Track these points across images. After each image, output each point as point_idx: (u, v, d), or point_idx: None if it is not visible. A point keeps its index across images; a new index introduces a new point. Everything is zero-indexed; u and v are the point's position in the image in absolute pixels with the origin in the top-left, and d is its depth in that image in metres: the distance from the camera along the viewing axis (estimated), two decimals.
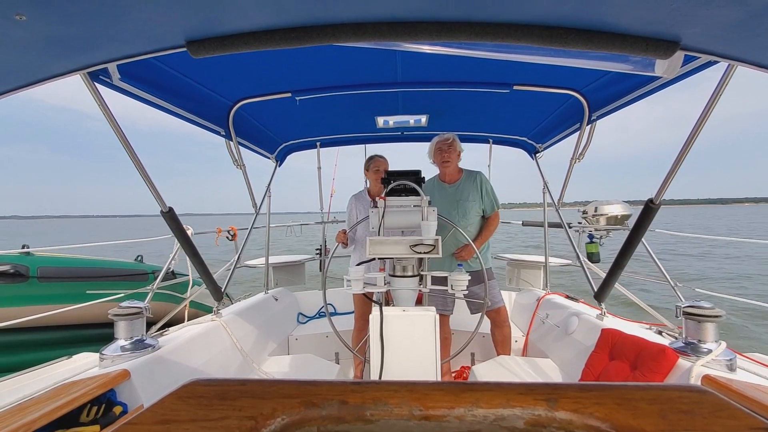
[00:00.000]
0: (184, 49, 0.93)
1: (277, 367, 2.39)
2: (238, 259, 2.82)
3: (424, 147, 2.85)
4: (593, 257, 2.79)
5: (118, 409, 1.40)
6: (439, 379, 1.74)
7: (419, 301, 2.09)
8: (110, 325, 1.69)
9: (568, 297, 2.85)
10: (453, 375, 2.95)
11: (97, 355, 1.64)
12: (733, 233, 29.64)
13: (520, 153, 3.22)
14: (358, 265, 2.06)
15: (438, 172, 2.76)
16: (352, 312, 2.97)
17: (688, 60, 1.29)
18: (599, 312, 2.26)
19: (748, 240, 2.47)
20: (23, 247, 4.07)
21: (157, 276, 4.26)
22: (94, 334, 4.48)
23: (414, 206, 1.98)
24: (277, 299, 3.27)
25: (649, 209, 1.60)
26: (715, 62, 1.06)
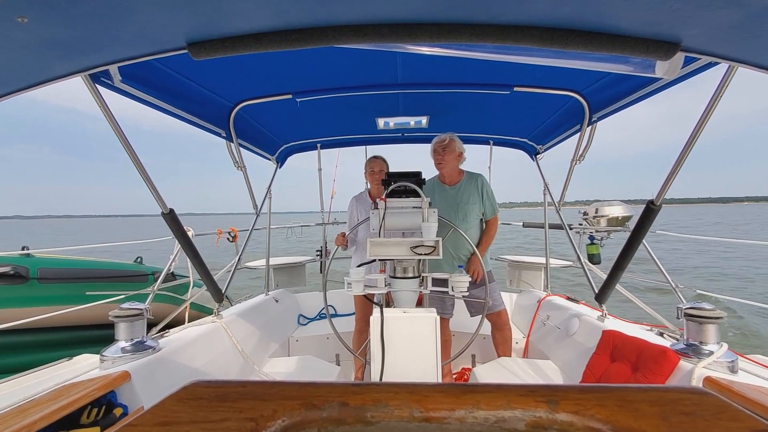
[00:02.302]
0: (185, 51, 0.94)
1: (277, 369, 2.39)
2: (238, 260, 2.82)
3: (425, 148, 2.85)
4: (594, 258, 2.79)
5: (118, 411, 1.40)
6: (440, 380, 1.73)
7: (419, 303, 2.09)
8: (110, 326, 1.69)
9: (568, 298, 2.85)
10: (454, 377, 2.94)
11: (98, 356, 1.63)
12: None
13: (521, 152, 3.22)
14: (358, 266, 2.06)
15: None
16: (353, 313, 2.96)
17: (688, 61, 1.29)
18: (600, 313, 2.26)
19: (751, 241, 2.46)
20: (23, 248, 4.08)
21: (157, 277, 4.27)
22: (94, 335, 4.48)
23: (414, 208, 1.98)
24: (277, 300, 3.26)
25: (650, 210, 1.60)
26: (716, 63, 1.06)
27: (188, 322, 2.27)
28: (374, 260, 2.03)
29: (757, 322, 6.12)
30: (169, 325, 2.14)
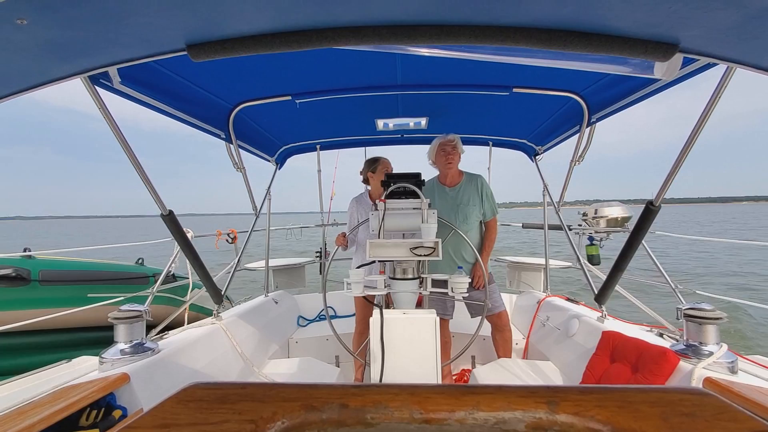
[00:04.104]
0: (185, 53, 0.94)
1: (277, 370, 2.38)
2: (238, 262, 2.82)
3: (424, 149, 2.85)
4: (593, 259, 2.79)
5: (117, 413, 1.40)
6: (440, 382, 1.73)
7: (419, 304, 2.09)
8: (110, 328, 1.69)
9: (568, 299, 2.85)
10: (454, 378, 2.94)
11: (97, 358, 1.63)
12: None
13: (521, 152, 3.23)
14: (358, 267, 2.06)
15: (437, 173, 2.75)
16: (353, 315, 2.96)
17: (686, 62, 1.30)
18: (600, 314, 2.26)
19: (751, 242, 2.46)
20: (25, 250, 4.08)
21: (158, 279, 4.25)
22: (95, 337, 4.48)
23: (414, 209, 1.98)
24: (277, 302, 3.26)
25: (649, 211, 1.60)
26: (714, 64, 1.07)
27: (188, 323, 2.27)
28: (374, 261, 2.02)
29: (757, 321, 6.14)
30: (169, 327, 2.14)
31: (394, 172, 2.16)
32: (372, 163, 2.79)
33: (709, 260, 13.48)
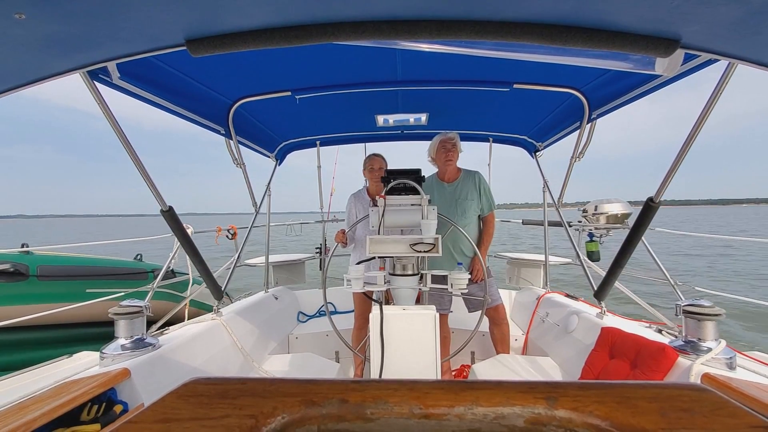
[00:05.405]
0: (184, 48, 0.93)
1: (277, 366, 2.39)
2: (238, 258, 2.82)
3: (424, 145, 2.85)
4: (593, 256, 2.79)
5: (118, 408, 1.40)
6: (439, 377, 1.74)
7: (417, 300, 2.10)
8: (110, 323, 1.69)
9: (568, 295, 2.86)
10: (453, 373, 2.95)
11: (98, 353, 1.64)
12: None
13: (522, 151, 3.22)
14: (358, 263, 2.06)
15: (436, 170, 2.76)
16: (353, 311, 2.97)
17: (688, 58, 1.29)
18: (599, 310, 2.26)
19: (751, 239, 2.46)
20: (23, 245, 4.08)
21: (157, 275, 4.24)
22: (94, 333, 4.49)
23: (413, 205, 1.98)
24: (277, 298, 3.27)
25: (649, 208, 1.60)
26: (716, 60, 1.06)
27: (188, 319, 2.27)
28: (374, 257, 2.02)
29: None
30: (169, 323, 2.14)
31: (393, 168, 2.15)
32: (365, 160, 2.84)
33: None
